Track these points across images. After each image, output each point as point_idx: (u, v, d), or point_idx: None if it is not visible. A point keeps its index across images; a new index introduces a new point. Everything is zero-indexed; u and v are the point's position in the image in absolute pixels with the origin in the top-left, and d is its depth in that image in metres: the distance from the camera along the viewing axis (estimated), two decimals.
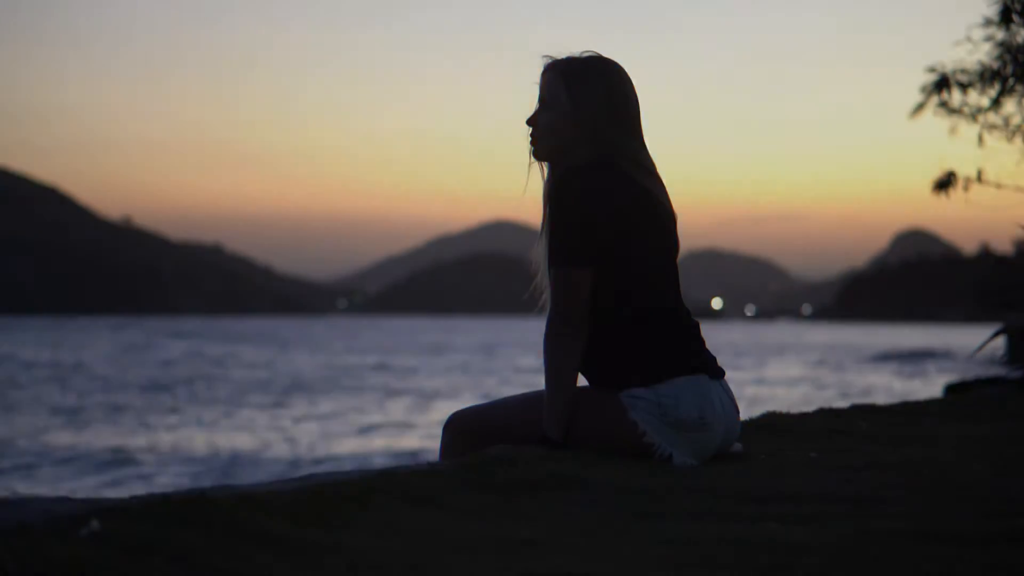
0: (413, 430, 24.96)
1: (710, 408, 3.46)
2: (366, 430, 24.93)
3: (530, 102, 3.65)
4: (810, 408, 5.23)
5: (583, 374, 3.54)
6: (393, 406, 31.06)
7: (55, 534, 2.13)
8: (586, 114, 3.54)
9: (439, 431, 3.71)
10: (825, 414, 5.00)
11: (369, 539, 2.38)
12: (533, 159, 3.63)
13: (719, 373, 3.56)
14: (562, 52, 3.64)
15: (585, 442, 3.45)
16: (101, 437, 22.81)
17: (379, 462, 19.71)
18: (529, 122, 3.61)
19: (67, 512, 2.22)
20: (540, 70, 3.64)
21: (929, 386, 35.63)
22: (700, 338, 3.60)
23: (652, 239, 3.53)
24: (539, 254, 3.59)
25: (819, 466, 3.47)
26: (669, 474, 3.22)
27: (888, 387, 36.93)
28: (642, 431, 3.43)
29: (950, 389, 11.05)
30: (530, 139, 3.61)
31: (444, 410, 29.23)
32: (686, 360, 3.50)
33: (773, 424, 4.45)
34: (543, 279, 3.56)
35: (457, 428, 3.60)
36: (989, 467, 3.51)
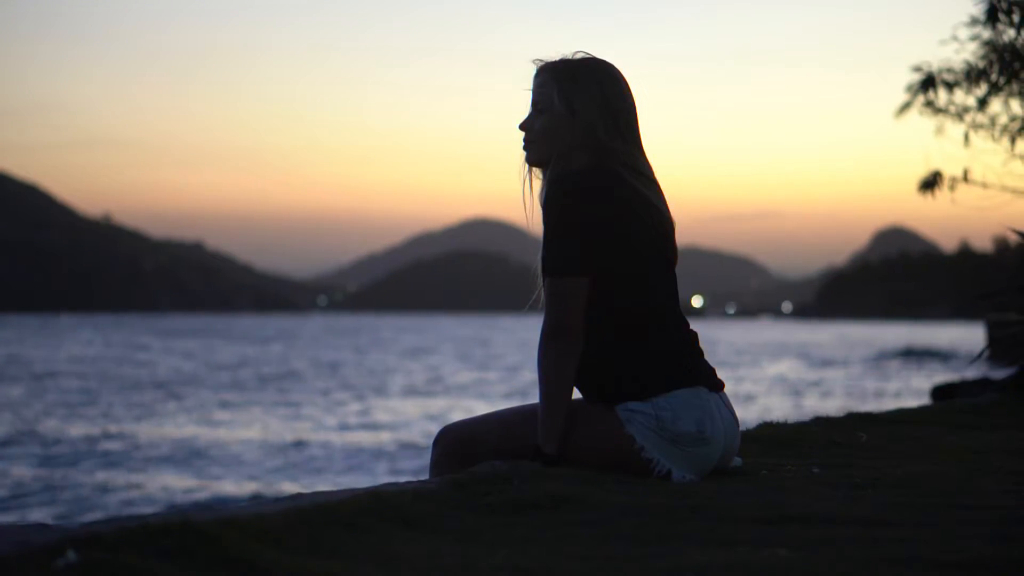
0: (401, 428, 24.84)
1: (710, 422, 3.35)
2: (345, 428, 24.80)
3: (520, 104, 3.54)
4: (806, 413, 5.14)
5: (578, 387, 3.42)
6: (379, 404, 30.93)
7: (30, 565, 2.03)
8: (581, 118, 3.43)
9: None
10: (822, 423, 4.90)
11: (360, 566, 2.27)
12: (527, 165, 3.52)
13: (718, 385, 3.45)
14: (553, 54, 3.53)
15: (580, 457, 3.34)
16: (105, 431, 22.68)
17: (366, 454, 19.61)
18: (522, 127, 3.50)
19: (42, 542, 2.11)
20: (532, 74, 3.53)
21: (917, 387, 35.64)
22: (699, 349, 3.49)
23: (649, 247, 3.42)
24: (538, 262, 3.47)
25: (822, 483, 3.37)
26: (669, 492, 3.11)
27: (877, 389, 36.91)
28: (640, 446, 3.32)
29: (938, 392, 11.02)
30: (524, 144, 3.50)
31: (429, 407, 29.14)
32: (684, 372, 3.39)
33: (770, 435, 4.35)
34: (540, 287, 3.45)
35: (448, 443, 3.48)
36: (996, 483, 3.41)
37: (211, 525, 2.30)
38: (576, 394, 3.43)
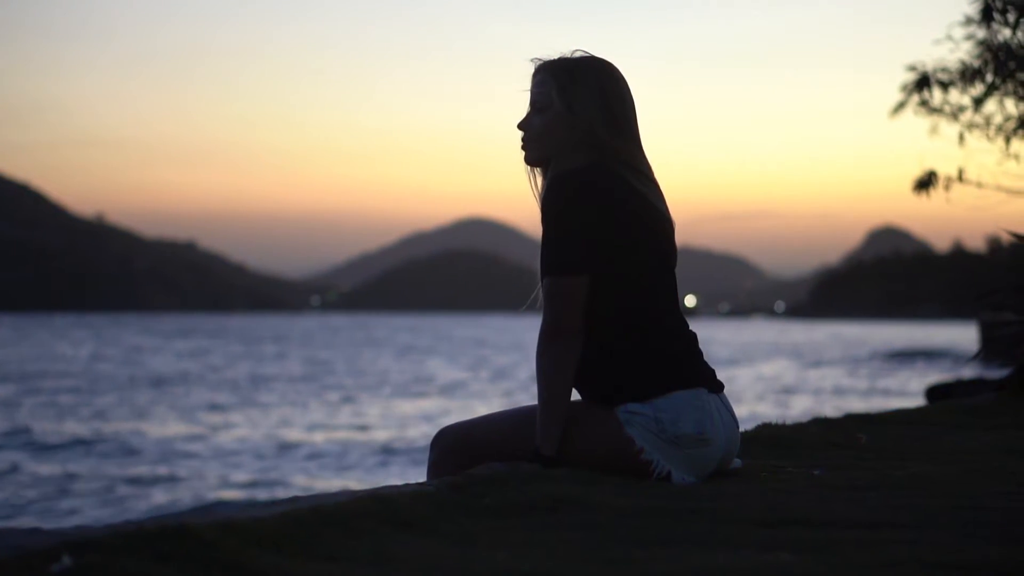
0: (393, 425, 24.81)
1: (710, 423, 3.33)
2: (323, 427, 24.75)
3: (516, 103, 3.51)
4: (802, 414, 5.12)
5: (577, 388, 3.40)
6: (370, 403, 30.89)
7: (25, 570, 2.00)
8: (580, 116, 3.40)
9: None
10: (820, 424, 4.88)
11: (358, 569, 2.25)
12: (526, 164, 3.50)
13: (718, 386, 3.43)
14: (552, 53, 3.51)
15: (579, 459, 3.32)
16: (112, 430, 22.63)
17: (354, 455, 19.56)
18: (521, 126, 3.48)
19: (37, 546, 2.09)
20: (531, 73, 3.51)
21: (911, 387, 35.63)
22: (698, 350, 3.47)
23: (648, 246, 3.39)
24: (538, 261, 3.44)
25: (823, 485, 3.35)
26: (669, 494, 3.09)
27: (870, 389, 36.90)
28: (639, 448, 3.30)
29: (934, 392, 11.00)
30: (522, 144, 3.48)
31: (424, 407, 29.11)
32: (684, 373, 3.36)
33: (769, 437, 4.32)
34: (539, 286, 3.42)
35: (446, 444, 3.46)
36: (999, 485, 3.39)
37: (208, 529, 2.28)
38: (575, 395, 3.41)
